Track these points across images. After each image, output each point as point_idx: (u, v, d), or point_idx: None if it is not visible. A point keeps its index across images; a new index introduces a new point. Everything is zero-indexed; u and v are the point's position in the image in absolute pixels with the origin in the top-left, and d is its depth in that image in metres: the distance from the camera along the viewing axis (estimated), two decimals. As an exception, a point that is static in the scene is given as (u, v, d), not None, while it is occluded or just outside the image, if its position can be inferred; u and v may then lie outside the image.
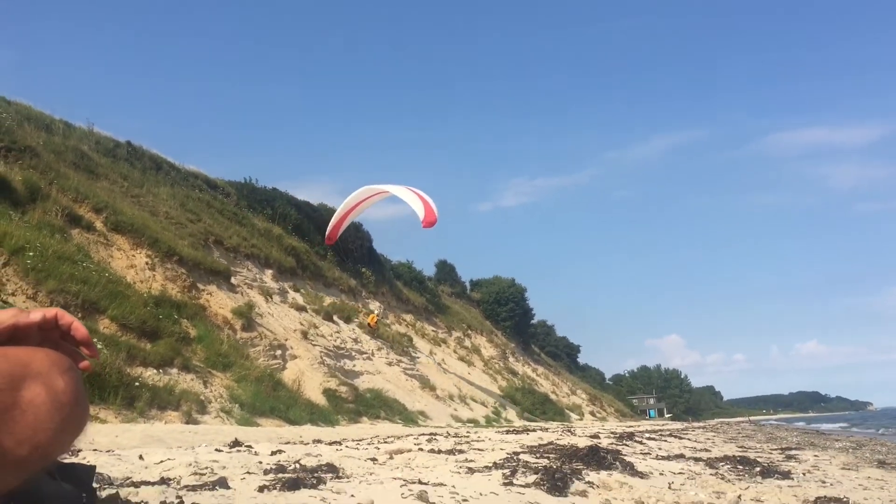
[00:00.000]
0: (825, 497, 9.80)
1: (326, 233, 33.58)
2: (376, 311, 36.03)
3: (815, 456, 19.65)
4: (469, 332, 51.89)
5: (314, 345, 23.99)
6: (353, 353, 26.71)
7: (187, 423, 12.45)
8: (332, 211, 41.52)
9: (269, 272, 28.24)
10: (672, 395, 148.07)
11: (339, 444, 10.74)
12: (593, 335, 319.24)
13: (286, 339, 22.23)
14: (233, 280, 23.71)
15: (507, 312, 66.16)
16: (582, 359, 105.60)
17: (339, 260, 37.79)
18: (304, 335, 24.29)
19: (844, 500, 9.75)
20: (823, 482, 12.25)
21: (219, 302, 20.75)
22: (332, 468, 6.02)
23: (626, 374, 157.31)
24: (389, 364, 28.96)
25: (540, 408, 41.19)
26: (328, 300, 31.40)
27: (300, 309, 27.34)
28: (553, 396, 51.46)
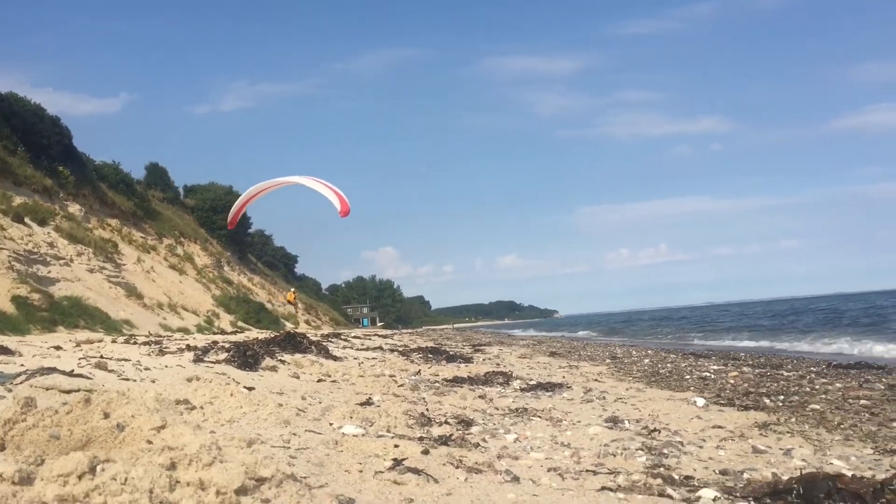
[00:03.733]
0: (493, 371, 11.65)
1: (228, 219, 31.85)
2: (294, 290, 37.74)
3: (500, 349, 22.54)
4: (182, 239, 50.09)
5: (1, 248, 21.90)
6: (49, 259, 24.77)
7: None
8: (26, 102, 37.32)
9: (-57, 166, 24.92)
10: (385, 305, 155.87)
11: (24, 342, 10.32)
12: (311, 245, 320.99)
13: (-34, 242, 20.07)
14: None
15: (222, 220, 64.40)
16: (299, 269, 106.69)
17: (32, 156, 34.15)
18: (-11, 238, 22.04)
19: (509, 372, 11.64)
20: (498, 364, 14.36)
21: None
22: (5, 350, 5.84)
23: (343, 285, 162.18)
24: (91, 271, 27.30)
25: (255, 316, 41.39)
26: (18, 200, 28.48)
27: (-17, 209, 24.62)
28: (269, 306, 51.83)
